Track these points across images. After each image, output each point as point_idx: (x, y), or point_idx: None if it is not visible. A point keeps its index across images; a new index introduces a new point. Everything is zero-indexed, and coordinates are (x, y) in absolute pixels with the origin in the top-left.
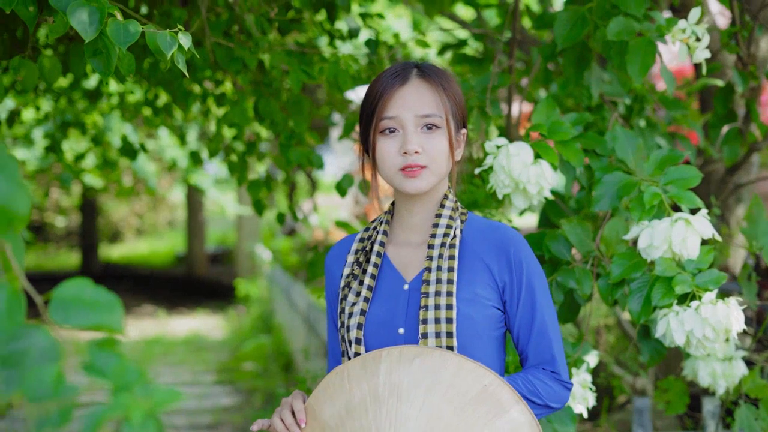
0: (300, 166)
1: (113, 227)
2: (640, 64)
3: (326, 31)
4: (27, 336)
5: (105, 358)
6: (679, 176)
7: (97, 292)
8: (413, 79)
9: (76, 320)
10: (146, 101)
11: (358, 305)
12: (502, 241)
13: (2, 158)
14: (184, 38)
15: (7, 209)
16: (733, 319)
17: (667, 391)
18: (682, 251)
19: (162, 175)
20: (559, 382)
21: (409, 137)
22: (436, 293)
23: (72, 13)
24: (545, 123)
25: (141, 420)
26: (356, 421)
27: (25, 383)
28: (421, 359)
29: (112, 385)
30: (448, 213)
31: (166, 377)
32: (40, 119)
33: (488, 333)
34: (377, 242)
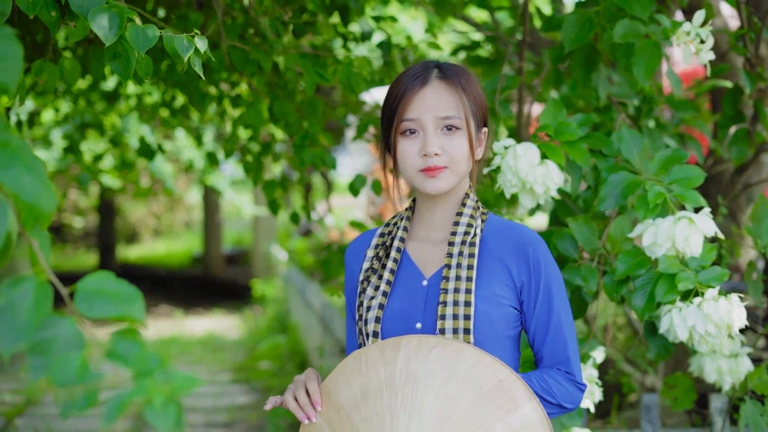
0: (314, 166)
1: (131, 228)
2: (645, 66)
3: (340, 34)
4: (53, 326)
5: (127, 346)
6: (683, 176)
7: (119, 285)
8: (433, 80)
9: (99, 311)
10: (163, 103)
11: (377, 299)
12: (522, 242)
13: (30, 159)
14: (200, 42)
15: (34, 207)
16: (735, 316)
17: (674, 387)
18: (685, 249)
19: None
20: (573, 383)
21: (429, 139)
22: (455, 290)
23: (93, 18)
24: (552, 124)
25: (162, 403)
26: (371, 405)
27: (52, 370)
28: (440, 349)
29: (134, 371)
30: (469, 212)
31: None
32: (59, 121)
33: (504, 332)
34: (397, 238)
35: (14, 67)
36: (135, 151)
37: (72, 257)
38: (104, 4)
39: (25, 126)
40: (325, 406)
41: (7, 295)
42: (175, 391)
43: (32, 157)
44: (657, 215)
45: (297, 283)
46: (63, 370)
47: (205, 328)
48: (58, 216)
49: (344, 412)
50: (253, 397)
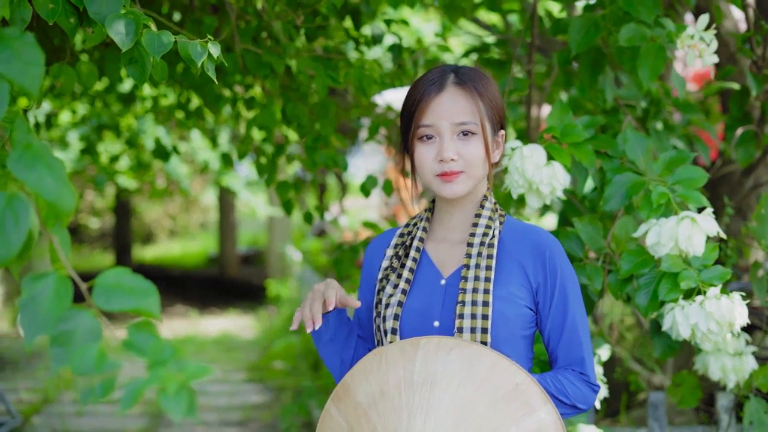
0: (326, 167)
1: (146, 229)
2: (650, 69)
3: (352, 38)
4: (73, 318)
5: (143, 338)
6: (687, 176)
7: (135, 280)
8: (449, 86)
9: (116, 304)
10: (179, 105)
11: (396, 296)
12: (539, 244)
13: (51, 160)
14: (213, 47)
15: (55, 206)
16: (737, 314)
17: (681, 385)
18: (687, 248)
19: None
20: (586, 384)
21: (445, 145)
22: (474, 290)
23: (110, 24)
24: (558, 126)
25: (175, 390)
26: (389, 403)
27: (72, 359)
28: (458, 351)
29: (149, 361)
30: (487, 213)
31: None
32: (75, 122)
33: (519, 332)
34: (417, 238)
35: (37, 73)
36: (150, 153)
37: (88, 257)
38: (121, 11)
39: (43, 127)
40: (343, 401)
41: (29, 290)
42: (187, 380)
43: (53, 158)
44: (660, 215)
45: (311, 284)
46: (82, 360)
47: (219, 328)
48: (75, 216)
49: (362, 409)
50: (266, 396)
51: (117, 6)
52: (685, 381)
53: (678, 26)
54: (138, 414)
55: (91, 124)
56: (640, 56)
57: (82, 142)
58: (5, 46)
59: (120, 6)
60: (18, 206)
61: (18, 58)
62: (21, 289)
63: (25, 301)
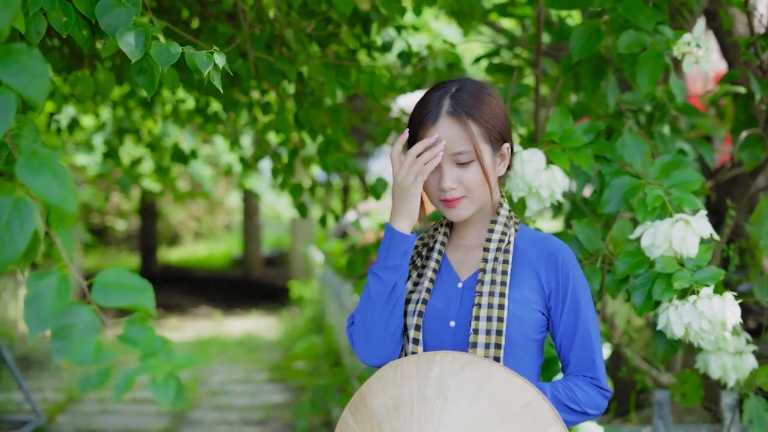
0: (337, 170)
1: (172, 230)
2: (649, 75)
3: (364, 44)
4: (74, 313)
5: (137, 331)
6: (682, 180)
7: (132, 278)
8: (443, 116)
9: (114, 301)
10: (198, 110)
11: (419, 294)
12: (553, 251)
13: (56, 166)
14: (219, 58)
15: (58, 209)
16: (729, 313)
17: (683, 383)
18: (681, 250)
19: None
20: (597, 389)
21: (444, 174)
22: (490, 293)
23: (120, 36)
24: (558, 131)
25: (163, 379)
26: (401, 417)
27: (72, 351)
28: (472, 367)
29: (141, 352)
30: (503, 221)
31: (220, 375)
32: (99, 126)
33: (531, 335)
34: (439, 242)
35: (42, 85)
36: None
37: (115, 259)
38: (131, 24)
39: (65, 131)
40: (360, 411)
41: (34, 287)
42: (174, 369)
43: (58, 165)
44: (656, 217)
45: (332, 285)
46: (82, 352)
47: (243, 329)
48: (101, 219)
49: (377, 421)
50: (287, 396)
51: (127, 19)
52: (688, 379)
53: (676, 33)
54: (160, 413)
55: (113, 128)
56: (638, 63)
57: (105, 146)
58: (14, 60)
59: (130, 18)
60: (23, 209)
61: (26, 72)
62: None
63: (30, 298)
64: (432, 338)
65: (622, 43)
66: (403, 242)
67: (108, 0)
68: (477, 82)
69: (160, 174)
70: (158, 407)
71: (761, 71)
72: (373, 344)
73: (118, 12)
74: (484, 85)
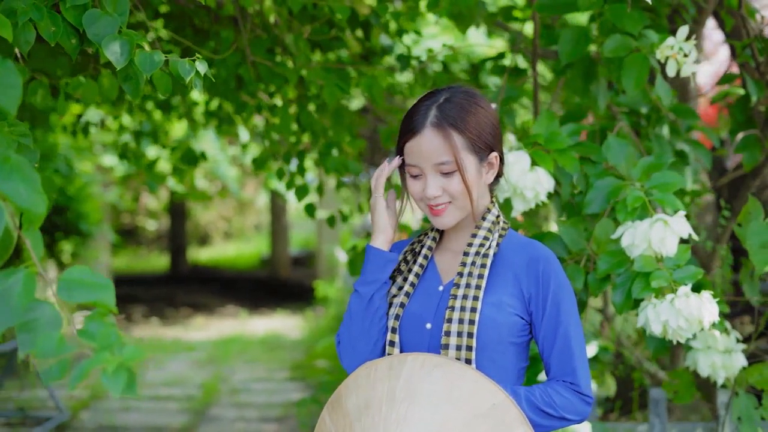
0: (338, 173)
1: (202, 230)
2: (635, 79)
3: (366, 49)
4: (38, 309)
5: (95, 326)
6: (663, 181)
7: (95, 276)
8: (427, 127)
9: (77, 297)
10: (210, 112)
11: (399, 298)
12: (535, 257)
13: (27, 172)
14: (200, 65)
15: (29, 211)
16: (705, 311)
17: (676, 381)
18: (660, 249)
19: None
20: (577, 395)
21: (428, 182)
22: (464, 296)
23: (106, 45)
24: (544, 133)
25: (113, 370)
26: (371, 416)
27: (37, 344)
28: (441, 369)
29: (98, 345)
30: (487, 226)
31: (241, 374)
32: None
33: (508, 338)
34: (426, 246)
35: (15, 95)
36: (179, 157)
37: (145, 259)
38: (116, 33)
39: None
40: (336, 410)
41: (2, 284)
42: (125, 361)
43: (29, 171)
44: (637, 218)
45: None
46: (45, 345)
47: (267, 328)
48: (132, 219)
49: (349, 420)
50: (307, 394)
51: (113, 28)
52: (681, 377)
53: (661, 37)
54: (181, 410)
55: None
56: (624, 66)
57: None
58: None
59: (116, 28)
60: None
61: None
62: None
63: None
64: (409, 340)
65: (608, 47)
66: (378, 257)
67: (95, 10)
68: (468, 91)
69: (176, 174)
70: (179, 404)
71: (758, 73)
72: (358, 355)
73: (104, 22)
74: (474, 94)
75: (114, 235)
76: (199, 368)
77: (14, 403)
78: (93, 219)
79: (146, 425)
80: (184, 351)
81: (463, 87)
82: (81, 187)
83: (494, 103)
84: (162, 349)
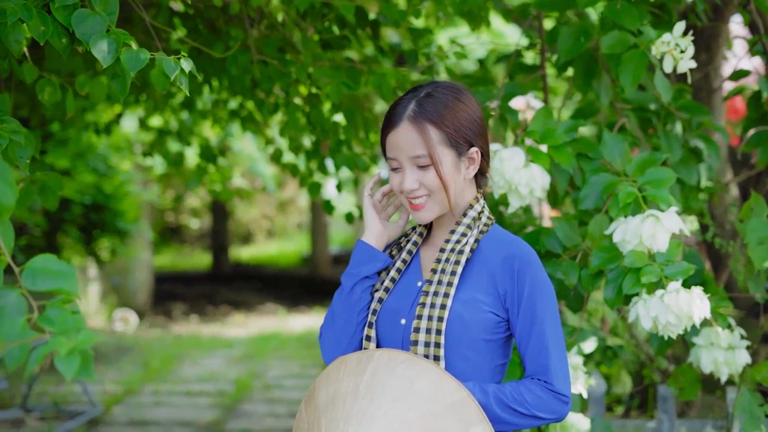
0: (348, 168)
1: (245, 229)
2: (632, 75)
3: (378, 47)
4: (4, 296)
5: (55, 312)
6: (656, 177)
7: (59, 264)
8: (403, 122)
9: (41, 285)
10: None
11: (379, 293)
12: (511, 255)
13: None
14: (185, 63)
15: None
16: (695, 307)
17: (681, 378)
18: (651, 245)
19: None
20: (551, 393)
21: (406, 176)
22: (435, 293)
23: (94, 43)
24: (539, 130)
25: (66, 354)
26: (334, 410)
27: (2, 329)
28: (405, 366)
29: (56, 330)
30: (467, 222)
31: (275, 370)
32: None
33: (481, 335)
34: (411, 241)
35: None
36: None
37: (189, 257)
38: (104, 32)
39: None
40: (310, 403)
41: None
42: (78, 345)
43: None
44: (630, 213)
45: None
46: (10, 330)
47: (305, 326)
48: (176, 217)
49: (318, 413)
50: None
51: (101, 27)
52: (686, 374)
53: (658, 32)
54: (212, 405)
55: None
56: (622, 63)
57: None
58: None
59: (104, 26)
60: None
61: None
62: None
63: None
64: (386, 335)
65: (605, 44)
66: (362, 250)
67: (84, 10)
68: (451, 86)
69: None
70: (211, 400)
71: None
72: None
73: (93, 21)
74: (457, 89)
75: (153, 233)
76: (234, 365)
77: (49, 398)
78: (130, 217)
79: (176, 420)
80: (220, 348)
81: (447, 83)
82: (118, 186)
83: (495, 100)
84: (199, 346)
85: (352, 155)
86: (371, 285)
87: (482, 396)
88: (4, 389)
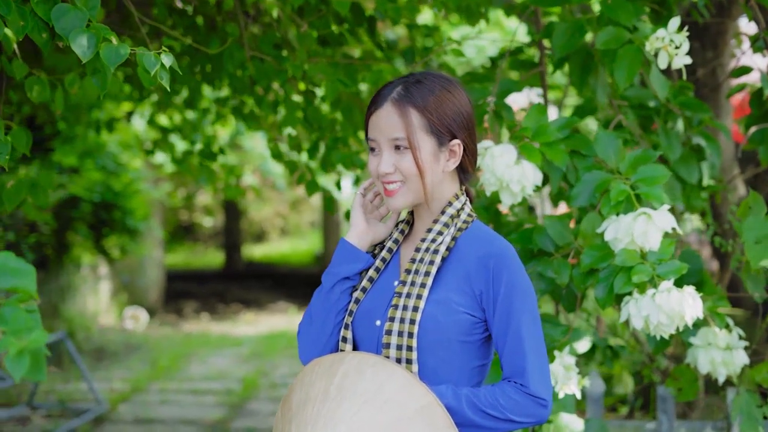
0: (343, 165)
1: (258, 227)
2: (626, 71)
3: (375, 43)
4: None
5: (10, 311)
6: (649, 174)
7: (17, 262)
8: (387, 103)
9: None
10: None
11: (356, 293)
12: (488, 254)
13: None
14: (166, 58)
15: None
16: (687, 307)
17: (679, 378)
18: (643, 243)
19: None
20: (528, 396)
21: (383, 159)
22: (407, 294)
23: (73, 38)
24: (532, 127)
25: (15, 354)
26: (304, 412)
27: None
28: (374, 370)
29: (8, 330)
30: (444, 220)
31: (283, 369)
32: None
33: (456, 337)
34: (392, 239)
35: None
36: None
37: (202, 255)
38: (84, 27)
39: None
40: (285, 404)
41: None
42: (29, 345)
43: None
44: (621, 211)
45: None
46: None
47: None
48: (189, 216)
49: (291, 415)
50: None
51: (81, 22)
52: (684, 374)
53: (653, 28)
54: (218, 403)
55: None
56: (617, 59)
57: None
58: None
59: (84, 21)
60: None
61: None
62: None
63: None
64: (362, 337)
65: (600, 40)
66: (343, 249)
67: (64, 5)
68: (443, 76)
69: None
70: (217, 398)
71: None
72: (313, 348)
73: (73, 15)
74: (448, 80)
75: (164, 231)
76: (242, 363)
77: (56, 396)
78: (140, 215)
79: (182, 418)
80: (229, 346)
81: (440, 73)
82: (128, 183)
83: (491, 97)
84: (208, 344)
85: (348, 153)
86: (352, 286)
87: (454, 400)
88: (10, 387)
